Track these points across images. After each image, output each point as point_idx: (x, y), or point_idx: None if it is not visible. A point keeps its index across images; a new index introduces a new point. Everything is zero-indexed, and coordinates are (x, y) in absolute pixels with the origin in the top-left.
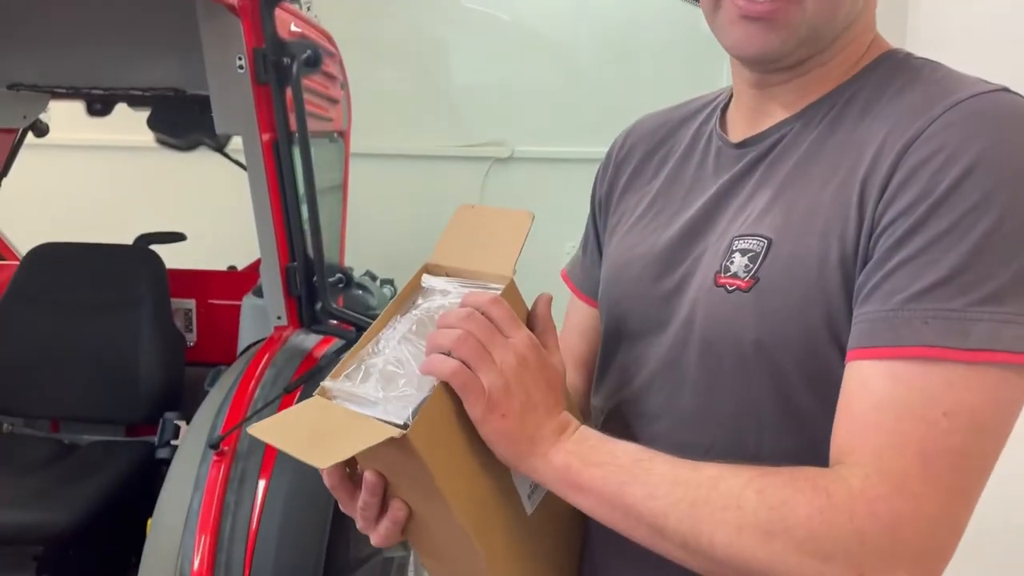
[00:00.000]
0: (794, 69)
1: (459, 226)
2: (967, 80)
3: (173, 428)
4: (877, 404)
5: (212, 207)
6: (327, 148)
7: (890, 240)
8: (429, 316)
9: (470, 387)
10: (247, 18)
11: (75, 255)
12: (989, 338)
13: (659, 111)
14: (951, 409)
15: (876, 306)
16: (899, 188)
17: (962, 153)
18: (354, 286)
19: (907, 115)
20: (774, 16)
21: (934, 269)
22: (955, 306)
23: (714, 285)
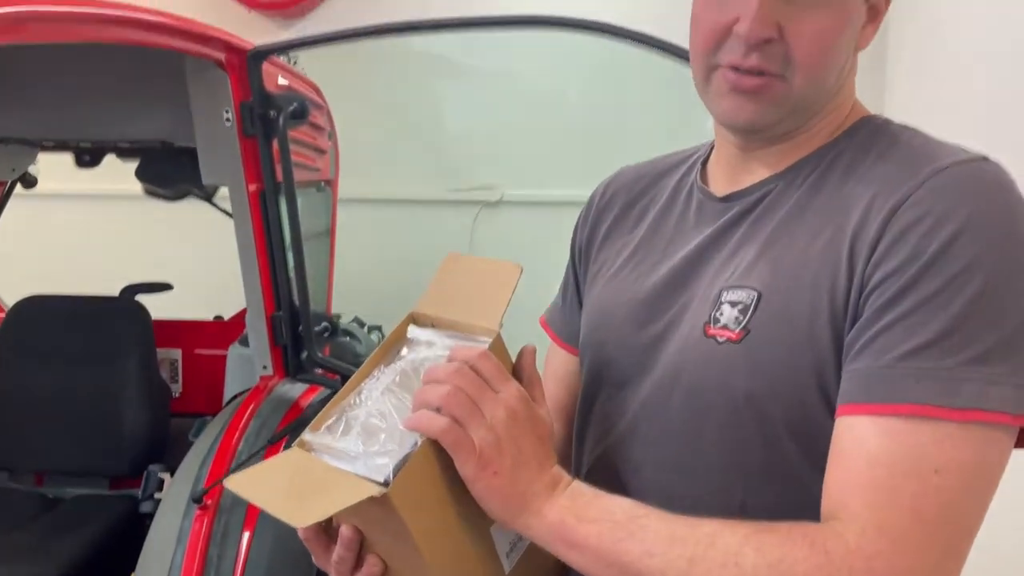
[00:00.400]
0: (780, 137)
1: (447, 275)
2: (948, 148)
3: (157, 481)
4: (870, 460)
5: (199, 256)
6: (314, 197)
7: (881, 299)
8: (413, 368)
9: (461, 445)
10: (234, 73)
11: (61, 307)
12: (978, 398)
13: (639, 163)
14: (942, 466)
15: (868, 362)
16: (889, 249)
17: (950, 218)
18: (341, 333)
19: (892, 178)
20: (763, 90)
21: (925, 329)
22: (946, 365)
23: (703, 336)
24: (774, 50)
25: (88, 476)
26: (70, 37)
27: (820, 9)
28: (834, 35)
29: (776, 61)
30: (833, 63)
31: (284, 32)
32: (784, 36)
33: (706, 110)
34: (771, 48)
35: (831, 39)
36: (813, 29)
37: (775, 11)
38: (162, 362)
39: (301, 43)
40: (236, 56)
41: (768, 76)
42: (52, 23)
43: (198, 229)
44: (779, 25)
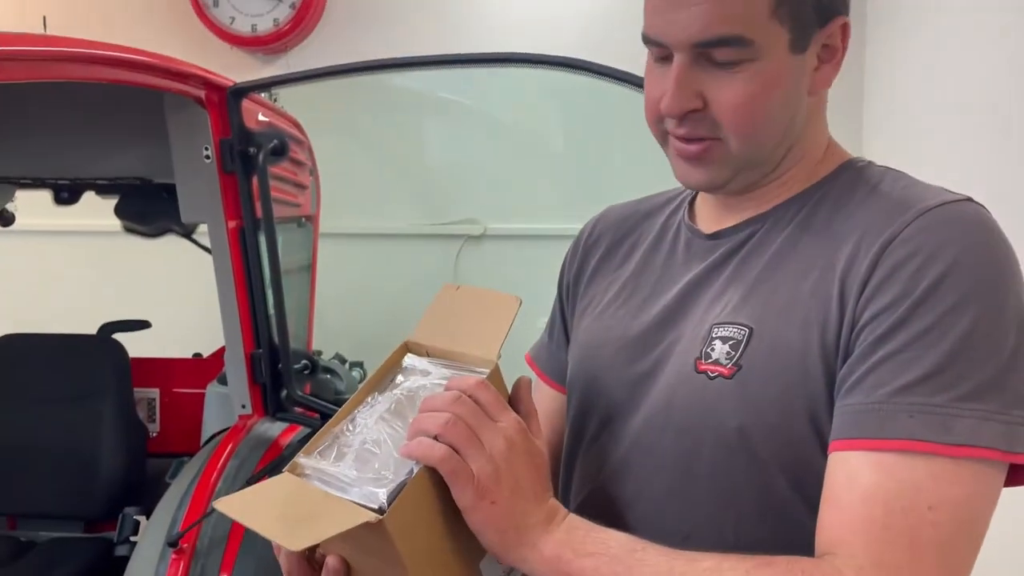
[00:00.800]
0: (748, 188)
1: (442, 305)
2: (933, 189)
3: (133, 524)
4: (865, 496)
5: (178, 293)
6: (295, 233)
7: (872, 335)
8: (408, 396)
9: (459, 474)
10: (214, 110)
11: (37, 346)
12: (971, 434)
13: (626, 202)
14: (936, 503)
15: (861, 398)
16: (880, 286)
17: (939, 256)
18: (321, 371)
19: (880, 218)
20: (704, 154)
21: (918, 365)
22: (939, 401)
23: (694, 371)
24: (701, 118)
25: (62, 519)
26: (48, 77)
27: (740, 75)
28: (760, 98)
29: (706, 126)
30: (765, 122)
31: (266, 68)
32: (708, 105)
33: None
34: (698, 117)
35: (757, 102)
36: (733, 95)
37: (695, 82)
38: (139, 401)
39: (281, 80)
40: (216, 93)
41: (707, 140)
42: (30, 63)
43: (177, 266)
44: (702, 95)
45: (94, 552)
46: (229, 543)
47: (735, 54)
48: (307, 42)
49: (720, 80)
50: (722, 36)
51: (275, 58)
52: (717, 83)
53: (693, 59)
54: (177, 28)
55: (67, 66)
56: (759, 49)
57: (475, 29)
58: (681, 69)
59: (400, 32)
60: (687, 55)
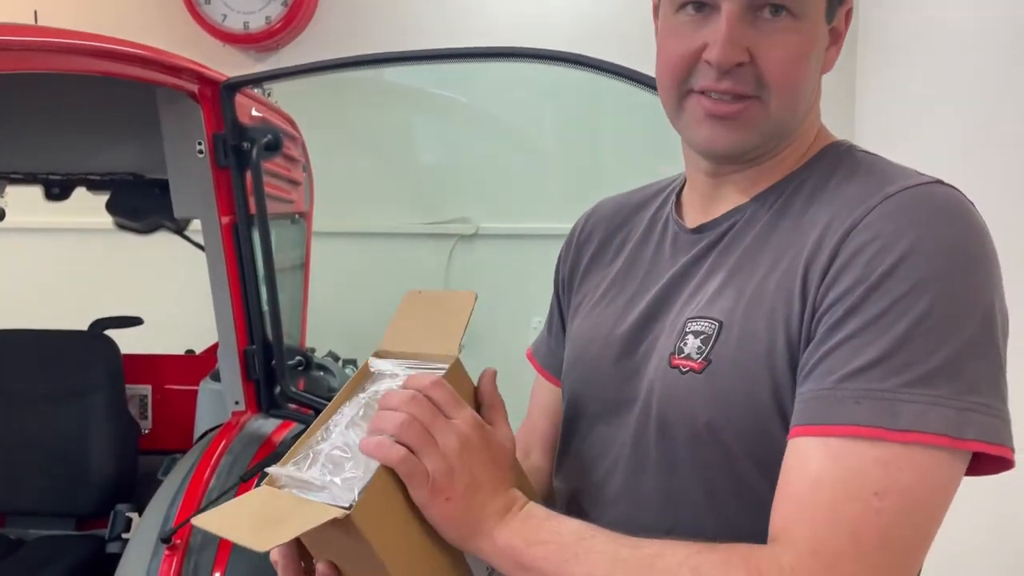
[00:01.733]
0: (751, 161)
1: (407, 311)
2: (903, 172)
3: (125, 521)
4: (812, 482)
5: (170, 290)
6: (288, 229)
7: (828, 323)
8: (376, 399)
9: (415, 474)
10: (207, 104)
11: (28, 342)
12: (917, 419)
13: (617, 195)
14: (882, 489)
15: (812, 385)
16: (838, 273)
17: (896, 242)
18: (315, 368)
19: (847, 204)
20: (740, 116)
21: (867, 351)
22: (886, 387)
23: (668, 366)
24: (746, 73)
25: (53, 516)
26: (41, 68)
27: (788, 33)
28: (803, 57)
29: (750, 83)
30: (804, 85)
31: (258, 65)
32: (755, 60)
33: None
34: (743, 72)
35: (801, 61)
36: (782, 52)
37: (744, 36)
38: (131, 398)
39: (275, 75)
40: (209, 87)
41: (745, 100)
42: (21, 53)
43: (169, 262)
44: (749, 50)
45: (85, 549)
46: (222, 540)
47: (788, 9)
48: (299, 40)
49: (769, 35)
50: None
51: (267, 55)
52: (766, 38)
53: (742, 11)
54: (169, 25)
55: (59, 57)
56: (805, 10)
57: (468, 28)
58: (734, 18)
59: (392, 30)
60: (736, 6)
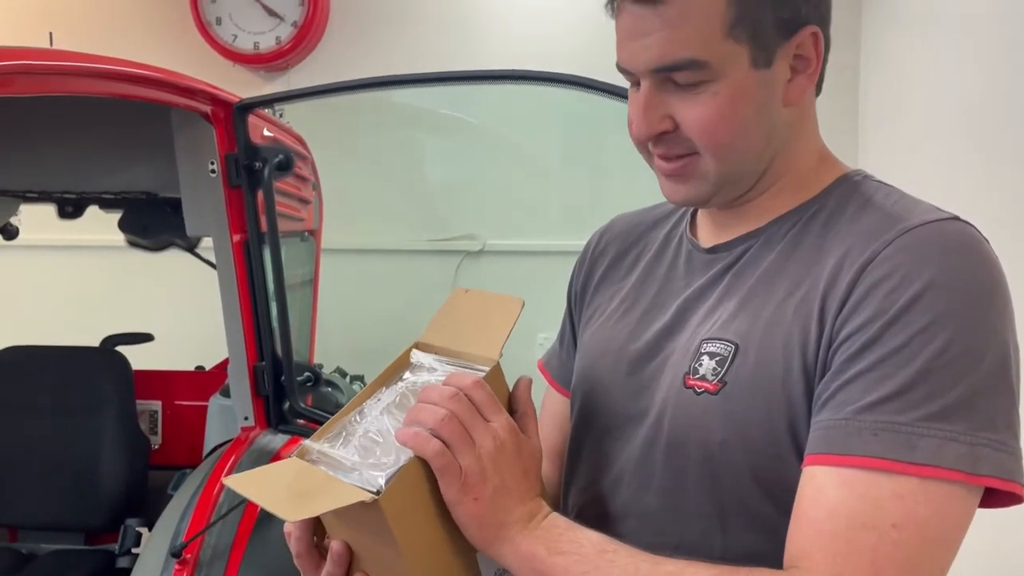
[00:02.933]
0: (736, 201)
1: (452, 308)
2: (921, 206)
3: (135, 535)
4: (831, 512)
5: (180, 307)
6: (298, 247)
7: (846, 354)
8: (412, 391)
9: (448, 469)
10: (220, 125)
11: (40, 358)
12: (933, 454)
13: (633, 212)
14: (900, 521)
15: (829, 415)
16: (856, 305)
17: (915, 277)
18: (323, 384)
19: (864, 236)
20: (683, 172)
21: (886, 384)
22: (903, 420)
23: (683, 386)
24: (675, 138)
25: (64, 531)
26: (58, 91)
27: (703, 95)
28: (726, 115)
29: (682, 145)
30: (738, 138)
31: (268, 85)
32: (678, 125)
33: None
34: (671, 137)
35: (723, 119)
36: (698, 115)
37: (662, 106)
38: (142, 413)
39: (287, 96)
40: (222, 108)
41: (684, 157)
42: (40, 77)
43: (180, 280)
44: (671, 117)
45: (95, 564)
46: (232, 554)
47: (694, 76)
48: (308, 60)
49: (685, 101)
50: (677, 61)
51: (277, 76)
52: (683, 104)
53: (658, 84)
54: (180, 46)
55: (76, 80)
56: (717, 70)
57: (476, 49)
58: (646, 94)
59: (401, 51)
60: (650, 80)
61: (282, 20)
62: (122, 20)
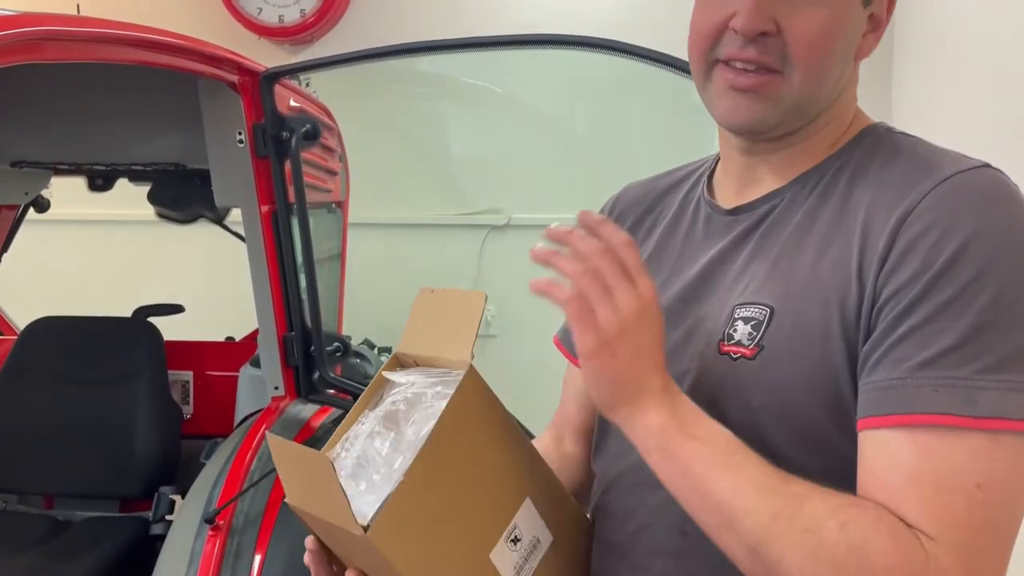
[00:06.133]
0: (780, 140)
1: (421, 312)
2: (949, 155)
3: (168, 503)
4: (912, 477)
5: (210, 278)
6: (325, 219)
7: (894, 311)
8: (395, 408)
9: (583, 316)
10: (247, 95)
11: (73, 329)
12: (997, 406)
13: (643, 179)
14: (983, 481)
15: (885, 374)
16: (899, 261)
17: (957, 228)
18: (352, 355)
19: (896, 188)
20: (760, 88)
21: (940, 339)
22: (962, 374)
23: (718, 353)
24: (771, 44)
25: (98, 499)
26: (87, 57)
27: (817, 8)
28: (831, 35)
29: (774, 55)
30: (830, 63)
31: (293, 58)
32: (781, 32)
33: (712, 126)
34: (768, 42)
35: (828, 38)
36: (810, 26)
37: (772, 7)
38: (173, 384)
39: (313, 65)
40: (249, 78)
41: (766, 73)
42: (69, 43)
43: (209, 252)
44: (776, 21)
45: (130, 530)
46: (264, 521)
47: None
48: (333, 33)
49: (798, 8)
50: None
51: (301, 48)
52: (795, 11)
53: None
54: (205, 18)
55: (103, 47)
56: None
57: (501, 18)
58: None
59: (424, 21)
60: None
61: None
62: None
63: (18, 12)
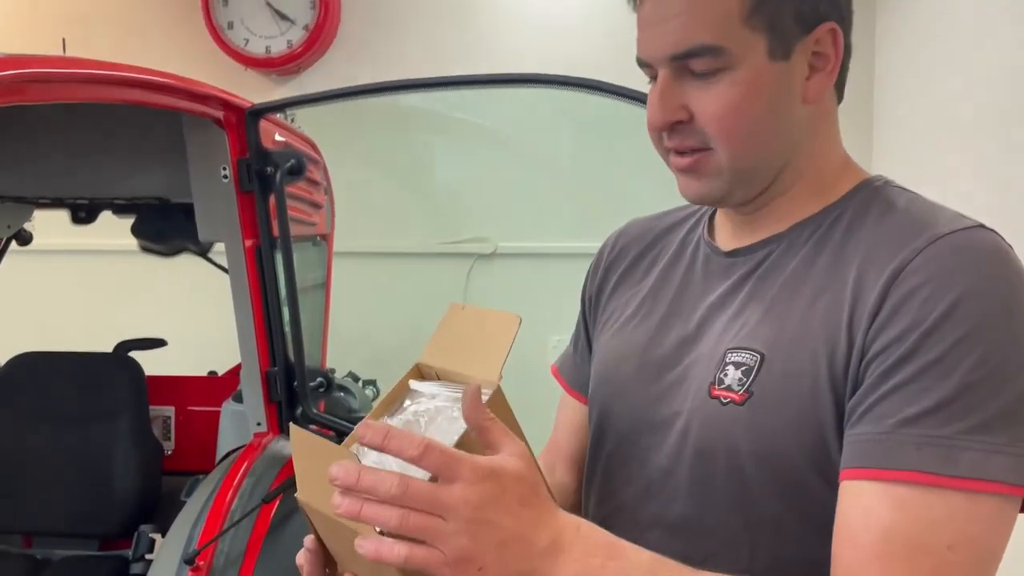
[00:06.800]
0: (754, 202)
1: (449, 325)
2: (945, 213)
3: (148, 542)
4: (884, 533)
5: (193, 312)
6: (310, 252)
7: (883, 366)
8: (415, 419)
9: (430, 563)
10: (232, 130)
11: (54, 364)
12: (977, 467)
13: (647, 216)
14: (954, 542)
15: (869, 428)
16: (889, 316)
17: (949, 287)
18: (335, 389)
19: (889, 244)
20: (696, 167)
21: (925, 396)
22: (945, 433)
23: (708, 397)
24: (688, 130)
25: (77, 537)
26: (71, 98)
27: (719, 84)
28: (741, 106)
29: (694, 138)
30: (754, 129)
31: (279, 89)
32: (694, 116)
33: None
34: (684, 128)
35: (739, 110)
36: (716, 105)
37: (678, 96)
38: (155, 419)
39: (298, 101)
40: (234, 114)
41: (698, 152)
42: (53, 85)
43: (192, 285)
44: (686, 107)
45: (109, 570)
46: (245, 561)
47: (711, 63)
48: (320, 64)
49: (701, 90)
50: (694, 46)
51: (288, 79)
52: (698, 93)
53: (675, 73)
54: (192, 49)
55: (87, 87)
56: (734, 57)
57: (488, 51)
58: (664, 82)
59: (412, 54)
60: (668, 69)
61: (293, 24)
62: (134, 25)
63: (1, 55)
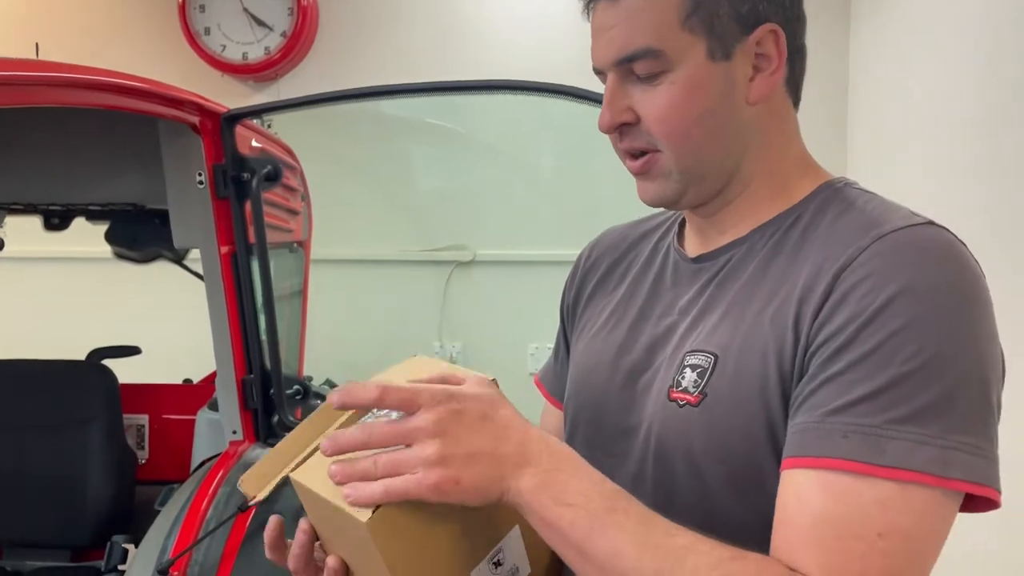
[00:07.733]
0: (709, 205)
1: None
2: (896, 211)
3: (121, 552)
4: (815, 519)
5: (168, 319)
6: (287, 258)
7: (821, 358)
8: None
9: (410, 490)
10: (208, 136)
11: (26, 373)
12: (904, 457)
13: (623, 225)
14: (884, 530)
15: (804, 418)
16: (831, 311)
17: (888, 281)
18: (312, 396)
19: (840, 243)
20: (646, 168)
21: (858, 386)
22: (873, 422)
23: (667, 400)
24: (635, 131)
25: (49, 548)
26: (44, 102)
27: (660, 85)
28: (682, 106)
29: (642, 140)
30: (697, 129)
31: (256, 95)
32: (640, 118)
33: None
34: (632, 130)
35: (680, 110)
36: (657, 106)
37: (624, 99)
38: (128, 427)
39: (275, 107)
40: (209, 119)
41: (647, 154)
42: (25, 88)
43: (167, 292)
44: (632, 109)
45: None
46: (220, 571)
47: (652, 66)
48: (297, 70)
49: (645, 93)
50: (635, 50)
51: (265, 86)
52: (642, 96)
53: (621, 76)
54: (169, 56)
55: (61, 91)
56: (673, 59)
57: (467, 58)
58: (610, 86)
59: (390, 61)
60: (615, 73)
61: (271, 30)
62: (110, 30)
63: None
